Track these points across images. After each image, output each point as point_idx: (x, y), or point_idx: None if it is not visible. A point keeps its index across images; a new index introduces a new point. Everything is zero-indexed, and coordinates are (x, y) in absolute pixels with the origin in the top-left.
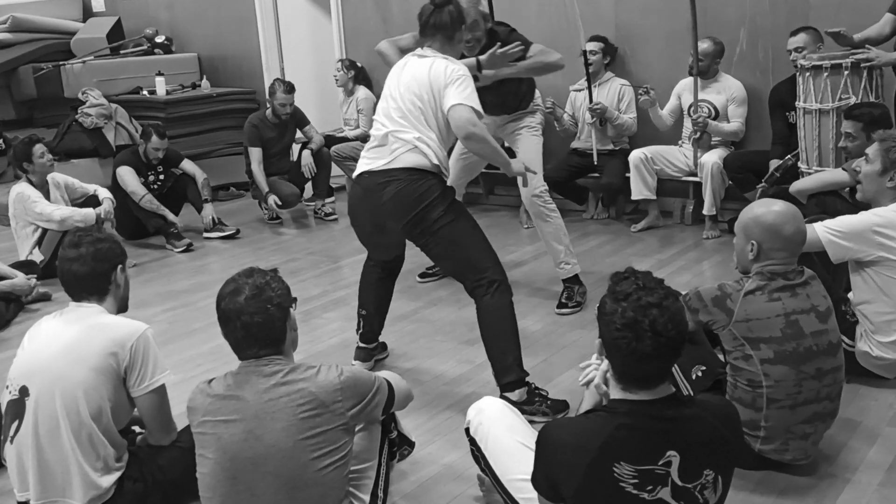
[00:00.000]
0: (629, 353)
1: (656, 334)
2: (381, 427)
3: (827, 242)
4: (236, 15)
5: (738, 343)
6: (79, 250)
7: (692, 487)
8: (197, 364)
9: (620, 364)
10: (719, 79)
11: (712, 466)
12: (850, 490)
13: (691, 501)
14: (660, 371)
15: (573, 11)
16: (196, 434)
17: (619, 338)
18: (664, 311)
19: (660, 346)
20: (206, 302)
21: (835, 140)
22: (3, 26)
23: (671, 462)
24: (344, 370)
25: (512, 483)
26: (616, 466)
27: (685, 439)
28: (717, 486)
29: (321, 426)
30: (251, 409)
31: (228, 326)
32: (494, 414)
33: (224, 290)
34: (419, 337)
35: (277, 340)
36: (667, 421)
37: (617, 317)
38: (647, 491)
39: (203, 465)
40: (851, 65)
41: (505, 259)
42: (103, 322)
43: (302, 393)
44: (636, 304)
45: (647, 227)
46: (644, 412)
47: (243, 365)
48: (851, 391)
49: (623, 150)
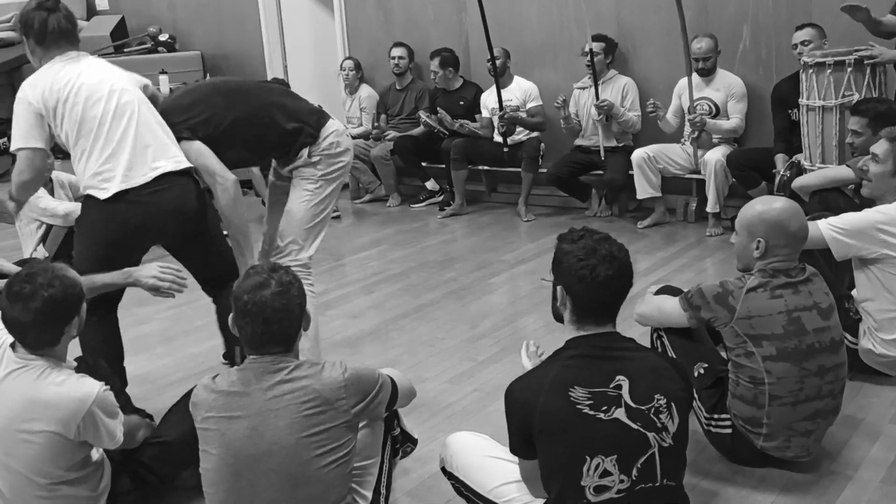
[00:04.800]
0: (592, 279)
1: (613, 258)
2: (384, 424)
3: (830, 239)
4: (239, 13)
5: (740, 340)
6: (26, 298)
7: (646, 409)
8: (199, 361)
9: (582, 296)
10: (718, 75)
11: (662, 391)
12: (851, 487)
13: (648, 423)
14: (612, 300)
15: (577, 10)
16: (200, 430)
17: (581, 267)
18: (612, 243)
19: (615, 269)
20: (208, 299)
21: (838, 137)
22: (7, 24)
23: (621, 385)
24: (348, 367)
25: (492, 492)
26: (571, 390)
27: (631, 365)
28: (672, 413)
29: (324, 423)
30: (255, 405)
31: (248, 319)
32: (460, 444)
33: (247, 282)
34: (421, 334)
35: (291, 339)
36: (614, 350)
37: (577, 249)
38: (602, 411)
39: (206, 461)
40: (855, 62)
41: (506, 256)
42: (46, 397)
43: (306, 390)
44: (589, 239)
45: (654, 224)
46: (592, 343)
47: (248, 361)
48: (854, 388)
49: (626, 146)
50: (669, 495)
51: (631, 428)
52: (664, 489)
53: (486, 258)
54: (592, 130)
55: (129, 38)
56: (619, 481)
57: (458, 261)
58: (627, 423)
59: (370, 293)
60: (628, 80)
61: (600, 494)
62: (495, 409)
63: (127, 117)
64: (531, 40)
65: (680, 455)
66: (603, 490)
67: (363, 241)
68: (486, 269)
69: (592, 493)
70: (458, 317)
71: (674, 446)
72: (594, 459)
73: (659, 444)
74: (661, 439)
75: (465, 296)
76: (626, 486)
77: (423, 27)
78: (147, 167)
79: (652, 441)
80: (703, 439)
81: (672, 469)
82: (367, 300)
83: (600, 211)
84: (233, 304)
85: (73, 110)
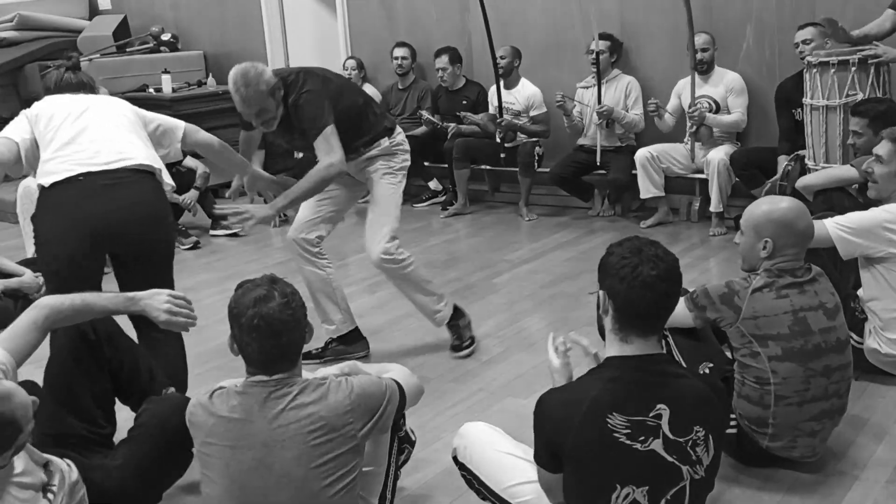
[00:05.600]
0: (633, 278)
1: (658, 258)
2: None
3: (837, 238)
4: (242, 13)
5: (746, 340)
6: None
7: (683, 442)
8: (203, 361)
9: (624, 297)
10: (715, 73)
11: (701, 423)
12: (857, 487)
13: (684, 456)
14: (657, 306)
15: (582, 10)
16: (200, 454)
17: (624, 265)
18: (660, 247)
19: (661, 272)
20: (212, 299)
21: (842, 137)
22: (10, 24)
23: (661, 415)
24: (354, 386)
25: (506, 491)
26: (609, 417)
27: (674, 394)
28: (709, 446)
29: (333, 451)
30: (260, 436)
31: (255, 334)
32: (476, 435)
33: (247, 296)
34: (425, 334)
35: (298, 353)
36: (657, 375)
37: (622, 249)
38: (639, 441)
39: (209, 487)
40: (859, 61)
41: (509, 256)
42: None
43: (312, 418)
44: (636, 242)
45: (657, 224)
46: (635, 366)
47: (248, 385)
48: (859, 388)
49: (629, 146)
50: None
51: (666, 460)
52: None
53: (490, 258)
54: (595, 130)
55: (132, 38)
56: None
57: (461, 260)
58: (663, 455)
59: (374, 293)
60: (631, 80)
61: None
62: (500, 409)
63: (87, 116)
64: (535, 40)
65: (709, 486)
66: None
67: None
68: (490, 269)
69: None
70: None
71: (705, 478)
72: (624, 489)
73: (691, 477)
74: (693, 472)
75: (469, 295)
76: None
77: (425, 27)
78: (104, 158)
79: (685, 474)
80: None
81: (700, 499)
82: (371, 300)
83: (603, 210)
84: (233, 323)
85: (52, 119)
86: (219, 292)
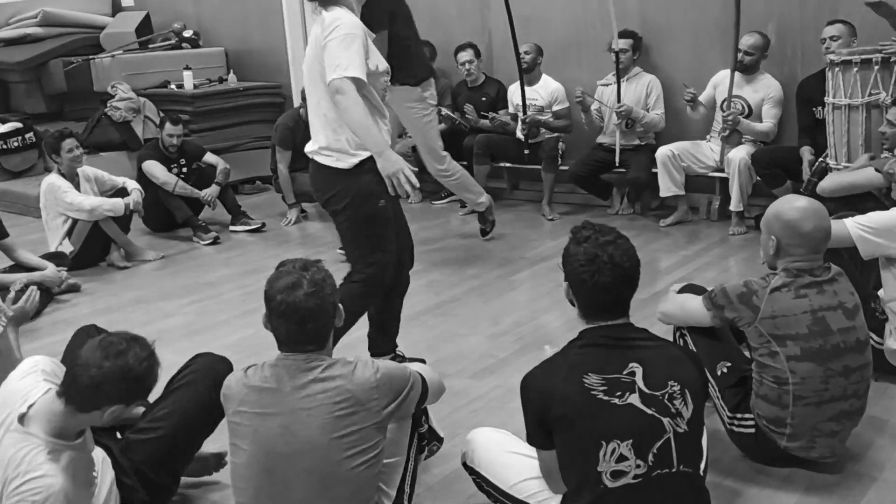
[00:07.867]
0: (592, 284)
1: (614, 265)
2: (412, 421)
3: (857, 238)
4: (262, 9)
5: (764, 340)
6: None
7: (660, 395)
8: (226, 355)
9: (585, 298)
10: (759, 77)
11: (675, 378)
12: (876, 489)
13: (662, 408)
14: (618, 300)
15: (601, 7)
16: (231, 423)
17: (582, 272)
18: (618, 247)
19: (617, 277)
20: (231, 294)
21: (864, 136)
22: (34, 20)
23: (635, 372)
24: (380, 367)
25: (514, 488)
26: (585, 377)
27: (645, 355)
28: (686, 400)
29: (356, 424)
30: (288, 403)
31: (282, 320)
32: (482, 439)
33: (280, 282)
34: (443, 331)
35: (325, 338)
36: (626, 339)
37: (580, 255)
38: (616, 396)
39: (237, 455)
40: (882, 60)
41: (528, 254)
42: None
43: (339, 390)
44: (595, 242)
45: (677, 222)
46: (604, 333)
47: (281, 357)
48: (879, 389)
49: (649, 145)
50: (688, 482)
51: (645, 413)
52: (682, 476)
53: (508, 255)
54: (614, 128)
55: (154, 35)
56: (635, 466)
57: (479, 258)
58: (642, 407)
59: None
60: (652, 78)
61: (617, 480)
62: (518, 406)
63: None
64: (555, 37)
65: (696, 442)
66: (620, 475)
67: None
68: (509, 267)
69: (609, 479)
70: (480, 314)
71: (689, 432)
72: (610, 444)
73: (674, 430)
74: (675, 425)
75: (487, 293)
76: (642, 471)
77: (445, 24)
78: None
79: (667, 426)
80: (726, 438)
81: (688, 456)
82: None
83: (622, 209)
84: (266, 304)
85: None
86: (238, 287)
